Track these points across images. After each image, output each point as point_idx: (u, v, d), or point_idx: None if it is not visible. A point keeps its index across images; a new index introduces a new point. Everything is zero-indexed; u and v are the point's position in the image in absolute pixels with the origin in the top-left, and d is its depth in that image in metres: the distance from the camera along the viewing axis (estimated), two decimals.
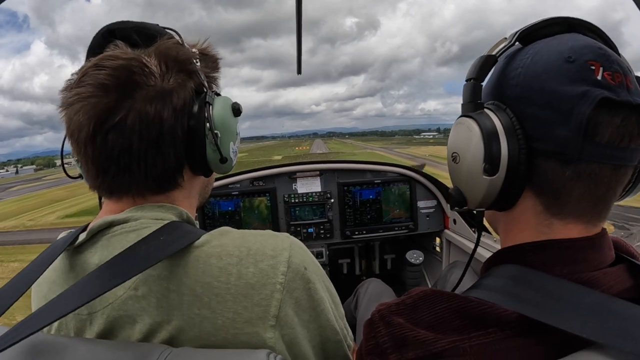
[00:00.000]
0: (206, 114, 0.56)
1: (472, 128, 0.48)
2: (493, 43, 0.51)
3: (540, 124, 0.45)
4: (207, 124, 0.56)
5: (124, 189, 0.55)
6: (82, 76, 0.51)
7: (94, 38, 0.59)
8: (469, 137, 0.49)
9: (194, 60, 0.58)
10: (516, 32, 0.49)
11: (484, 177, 0.48)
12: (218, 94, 0.62)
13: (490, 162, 0.47)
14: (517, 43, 0.50)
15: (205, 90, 0.58)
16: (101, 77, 0.50)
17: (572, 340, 0.38)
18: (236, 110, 0.63)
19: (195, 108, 0.56)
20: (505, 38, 0.50)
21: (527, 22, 0.51)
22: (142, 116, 0.51)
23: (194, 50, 0.59)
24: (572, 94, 0.43)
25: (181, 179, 0.58)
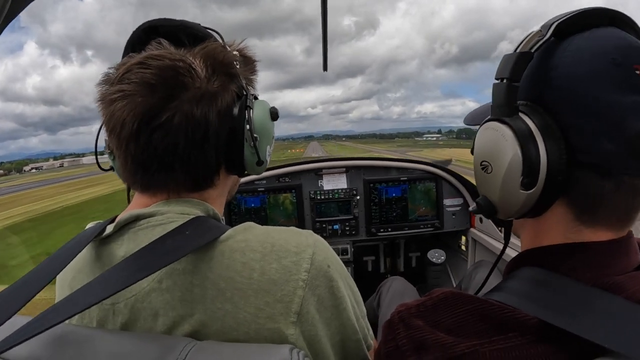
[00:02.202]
0: (247, 117, 0.58)
1: (508, 137, 0.45)
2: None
3: (584, 134, 0.42)
4: (247, 127, 0.58)
5: (161, 185, 0.56)
6: (125, 72, 0.51)
7: (134, 33, 0.59)
8: (504, 147, 0.45)
9: (235, 63, 0.59)
10: (550, 24, 0.44)
11: (521, 191, 0.45)
12: (256, 98, 0.63)
13: (529, 175, 0.44)
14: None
15: (245, 93, 0.59)
16: (147, 76, 0.50)
17: (594, 347, 0.37)
18: (274, 114, 0.64)
19: (236, 111, 0.57)
20: (540, 31, 0.46)
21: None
22: (188, 117, 0.52)
23: (234, 52, 0.60)
24: (622, 105, 0.40)
25: (217, 179, 0.60)
